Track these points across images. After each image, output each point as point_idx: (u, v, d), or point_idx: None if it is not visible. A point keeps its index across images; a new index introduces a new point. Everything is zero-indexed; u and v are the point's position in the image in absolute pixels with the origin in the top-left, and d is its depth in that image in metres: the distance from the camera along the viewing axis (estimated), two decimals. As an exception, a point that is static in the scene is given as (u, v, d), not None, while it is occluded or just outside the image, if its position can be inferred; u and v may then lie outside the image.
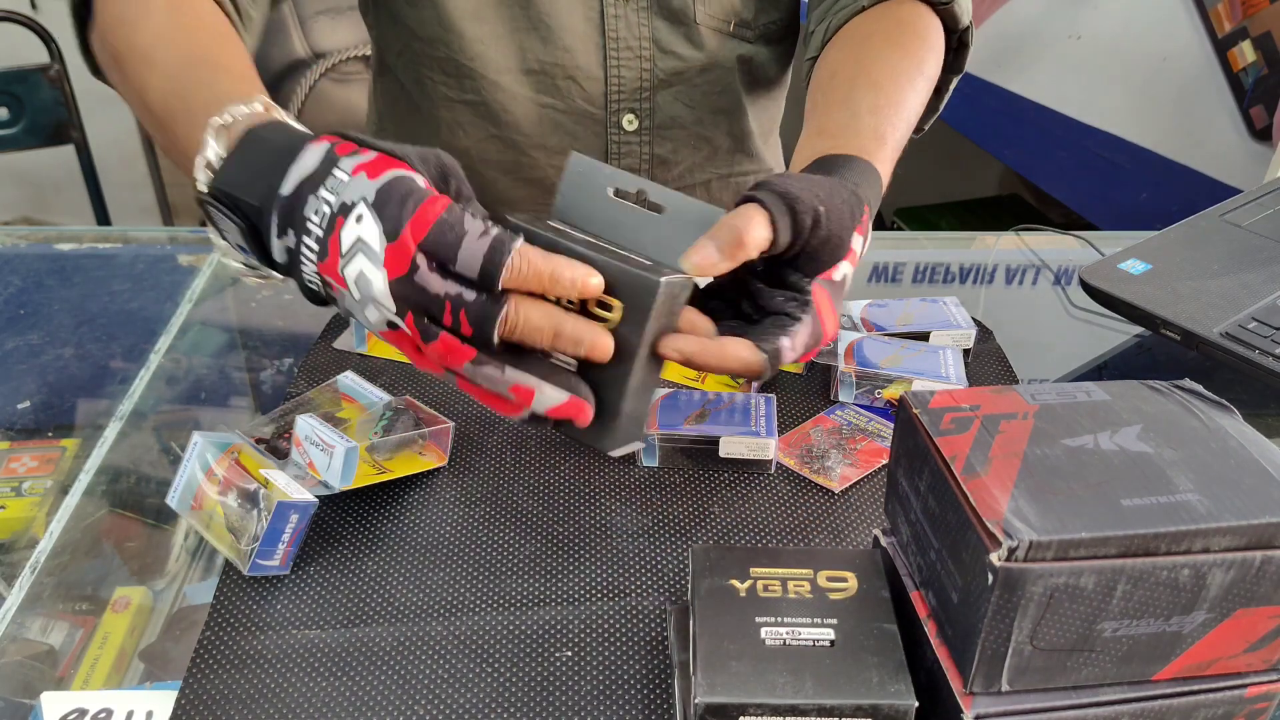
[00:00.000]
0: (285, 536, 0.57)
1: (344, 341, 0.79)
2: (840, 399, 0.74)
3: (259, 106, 0.52)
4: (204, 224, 0.53)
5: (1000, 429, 0.45)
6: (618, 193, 0.56)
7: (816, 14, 0.81)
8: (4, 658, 0.56)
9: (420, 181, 0.47)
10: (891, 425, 0.70)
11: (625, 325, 0.50)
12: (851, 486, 0.66)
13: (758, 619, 0.46)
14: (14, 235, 1.00)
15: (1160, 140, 1.53)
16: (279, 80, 1.49)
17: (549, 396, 0.49)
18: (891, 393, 0.73)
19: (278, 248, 0.49)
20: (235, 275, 0.55)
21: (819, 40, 0.78)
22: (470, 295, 0.46)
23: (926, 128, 0.82)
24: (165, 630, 0.59)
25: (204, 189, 0.51)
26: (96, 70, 0.71)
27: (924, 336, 0.78)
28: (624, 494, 0.65)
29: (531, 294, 0.48)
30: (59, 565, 0.62)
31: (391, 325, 0.48)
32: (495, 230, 0.46)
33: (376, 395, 0.69)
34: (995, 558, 0.38)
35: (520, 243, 0.46)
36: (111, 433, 0.72)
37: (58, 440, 0.73)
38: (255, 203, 0.49)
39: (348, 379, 0.70)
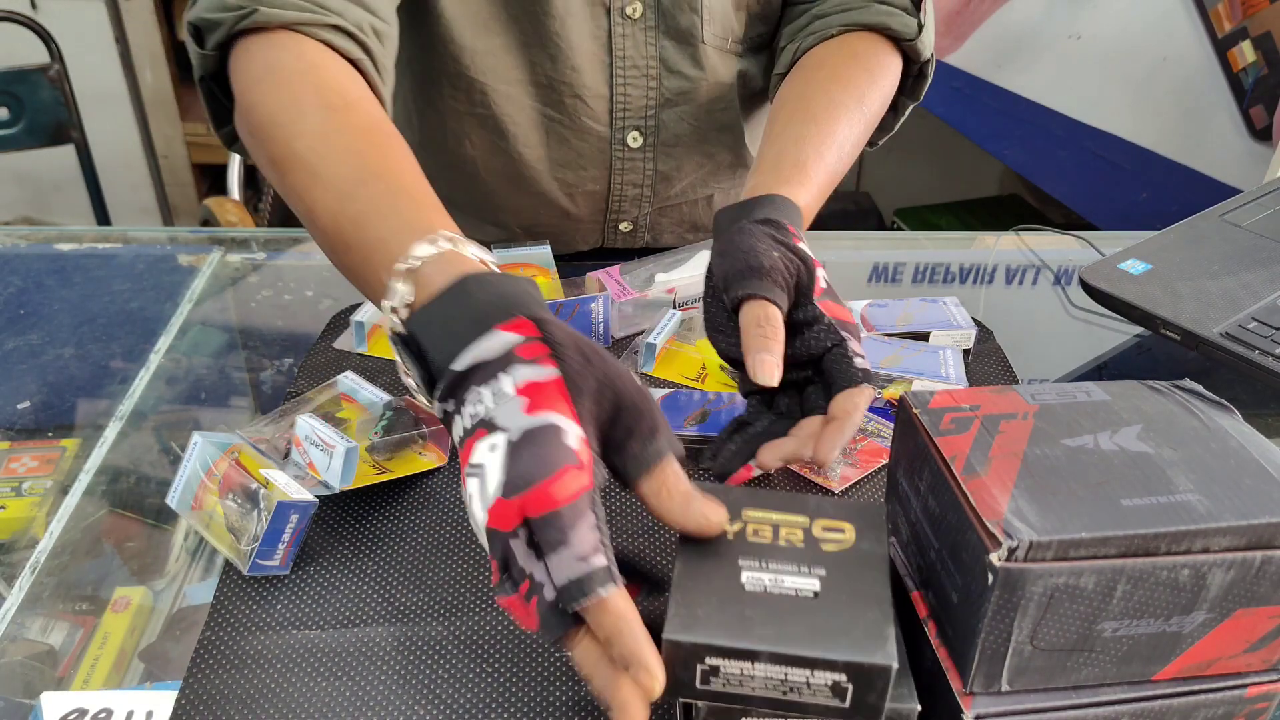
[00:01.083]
0: (285, 536, 0.57)
1: (344, 341, 0.79)
2: (840, 399, 0.74)
3: (444, 244, 0.50)
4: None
5: (1000, 429, 0.45)
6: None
7: (789, 30, 0.84)
8: (4, 658, 0.56)
9: (572, 438, 0.43)
10: (891, 425, 0.70)
11: None
12: (851, 487, 0.66)
13: (740, 562, 0.43)
14: (14, 235, 1.00)
15: (1160, 140, 1.53)
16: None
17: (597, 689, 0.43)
18: (891, 393, 0.73)
19: (437, 406, 0.48)
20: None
21: (787, 59, 0.82)
22: (549, 593, 0.42)
23: (880, 142, 0.88)
24: (165, 630, 0.59)
25: (393, 332, 0.50)
26: (232, 142, 0.70)
27: (924, 336, 0.78)
28: (624, 493, 0.65)
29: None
30: (59, 565, 0.62)
31: None
32: (598, 561, 0.41)
33: (376, 395, 0.69)
34: (995, 558, 0.38)
35: (611, 591, 0.41)
36: (111, 433, 0.72)
37: (58, 440, 0.73)
38: (435, 360, 0.47)
39: (348, 379, 0.70)
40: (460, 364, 0.46)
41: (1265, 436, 0.45)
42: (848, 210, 2.49)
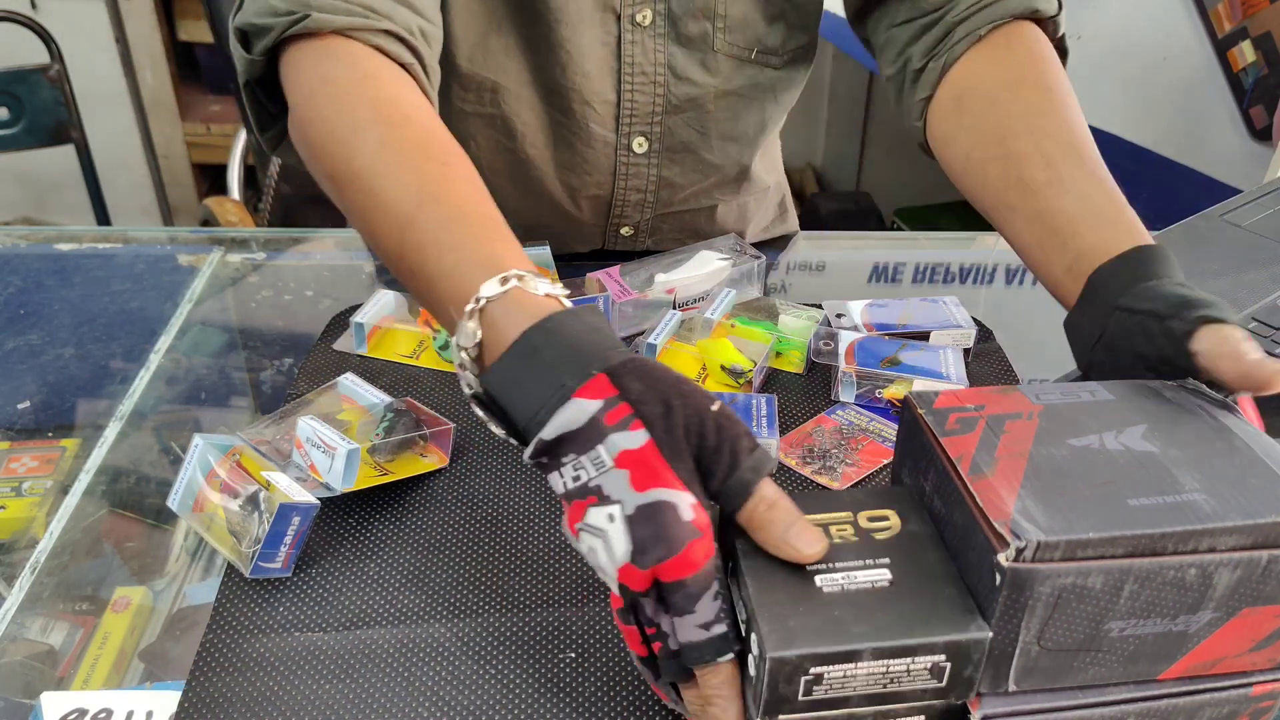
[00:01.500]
0: (287, 539, 0.57)
1: (344, 343, 0.79)
2: (841, 399, 0.74)
3: (512, 283, 0.49)
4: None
5: (1005, 429, 0.44)
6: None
7: (923, 42, 0.73)
8: (4, 658, 0.56)
9: (685, 510, 0.43)
10: (892, 424, 0.70)
11: None
12: (853, 487, 0.66)
13: (809, 567, 0.43)
14: (14, 235, 1.00)
15: (1160, 140, 1.53)
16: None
17: None
18: (892, 392, 0.73)
19: (530, 461, 0.47)
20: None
21: (934, 77, 0.72)
22: (672, 644, 0.45)
23: None
24: (165, 630, 0.59)
25: (469, 389, 0.50)
26: (276, 146, 0.69)
27: (924, 336, 0.78)
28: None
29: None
30: (59, 565, 0.62)
31: None
32: (719, 630, 0.44)
33: (377, 397, 0.68)
34: (1003, 558, 0.38)
35: (724, 660, 0.44)
36: (111, 433, 0.72)
37: (58, 440, 0.73)
38: (518, 423, 0.47)
39: (348, 380, 0.70)
40: (548, 434, 0.46)
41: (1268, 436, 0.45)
42: (848, 210, 2.48)
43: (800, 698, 0.41)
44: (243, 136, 1.60)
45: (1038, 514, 0.39)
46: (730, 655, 0.44)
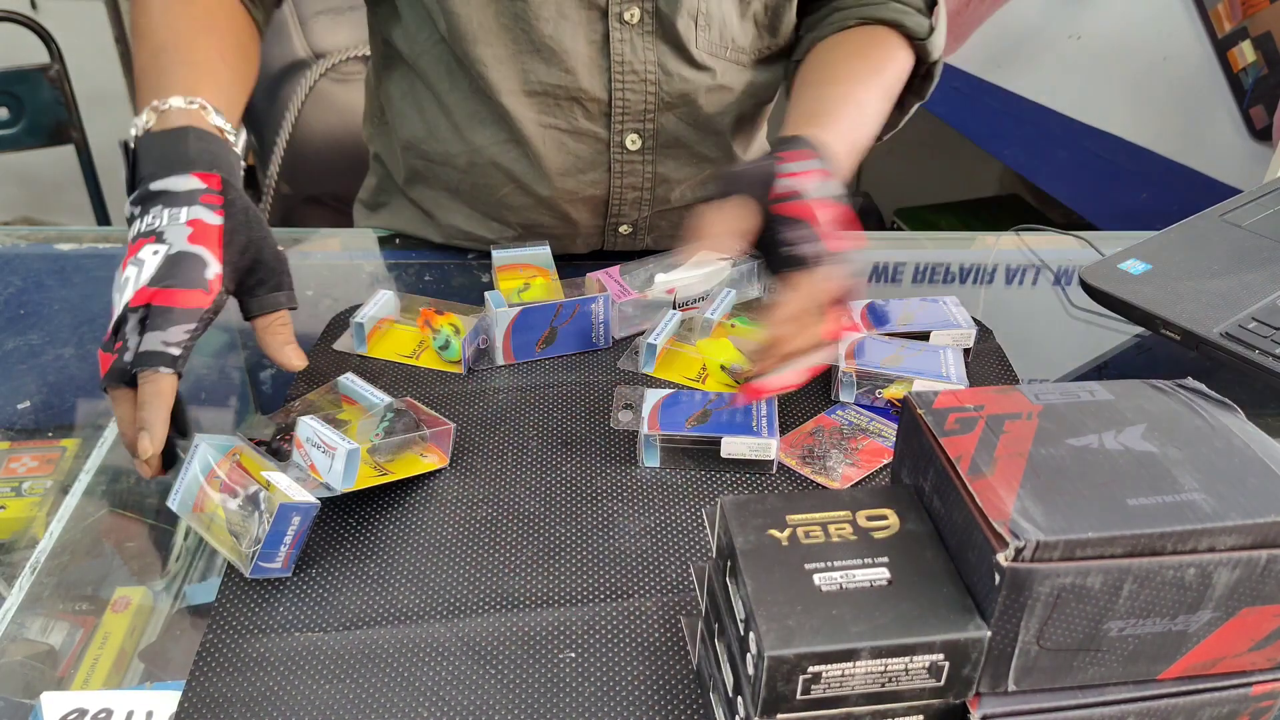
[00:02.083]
0: (287, 539, 0.57)
1: (344, 343, 0.79)
2: (841, 399, 0.74)
3: (197, 103, 0.66)
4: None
5: (1005, 429, 0.44)
6: None
7: (808, 23, 0.89)
8: (4, 658, 0.56)
9: (210, 271, 0.61)
10: (892, 425, 0.70)
11: None
12: (853, 487, 0.66)
13: (807, 566, 0.43)
14: (14, 235, 0.99)
15: (1160, 140, 1.53)
16: (279, 80, 1.49)
17: None
18: (892, 392, 0.73)
19: (127, 208, 0.64)
20: None
21: (805, 48, 0.87)
22: (127, 356, 0.58)
23: (885, 138, 0.91)
24: (165, 630, 0.59)
25: (125, 144, 0.67)
26: None
27: (924, 336, 0.78)
28: (626, 495, 0.65)
29: None
30: (59, 565, 0.62)
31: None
32: (175, 351, 0.59)
33: (377, 397, 0.68)
34: (1002, 558, 0.38)
35: (167, 371, 0.59)
36: (111, 433, 0.72)
37: (58, 440, 0.73)
38: (141, 174, 0.64)
39: (348, 380, 0.70)
40: (154, 186, 0.62)
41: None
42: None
43: (798, 696, 0.41)
44: (243, 137, 1.60)
45: (1037, 514, 0.39)
46: (172, 371, 0.58)
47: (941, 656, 0.40)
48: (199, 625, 0.56)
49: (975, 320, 0.81)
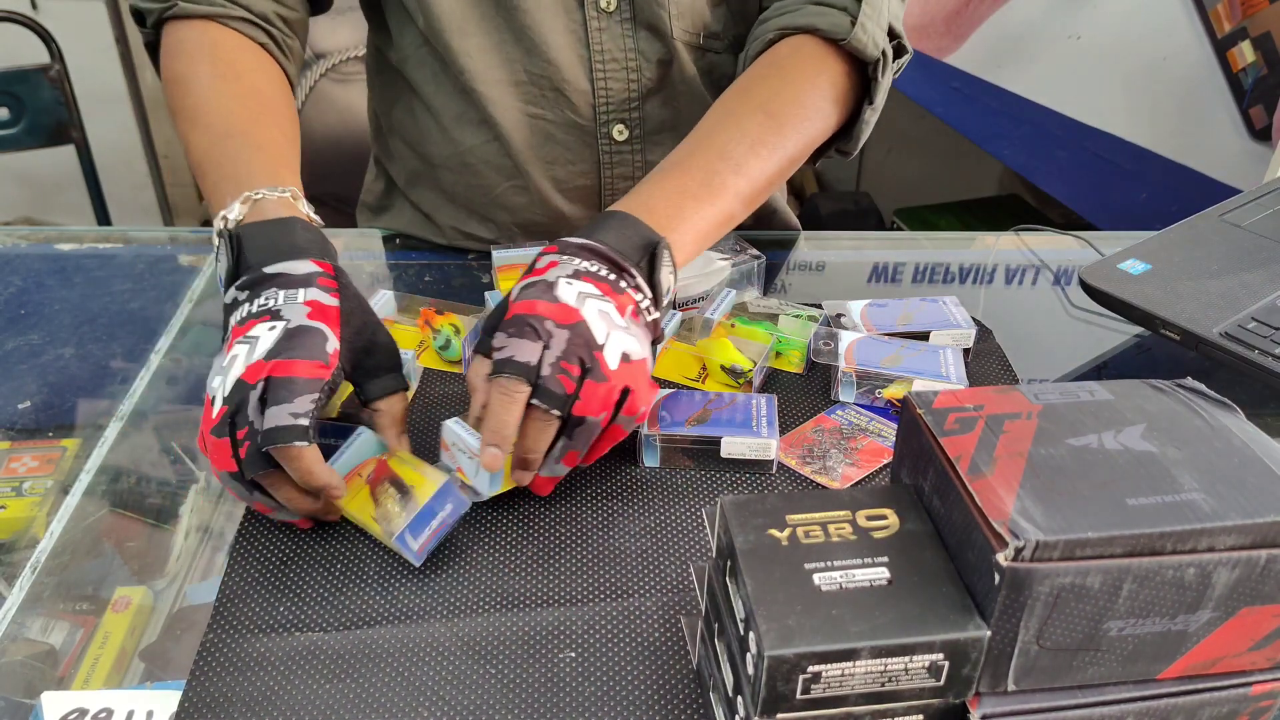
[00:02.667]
0: (434, 523, 0.57)
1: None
2: (841, 399, 0.74)
3: (287, 193, 0.66)
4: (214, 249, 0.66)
5: (1004, 429, 0.45)
6: None
7: (753, 31, 0.83)
8: (4, 658, 0.56)
9: (330, 346, 0.58)
10: (892, 424, 0.70)
11: None
12: (852, 487, 0.66)
13: (807, 566, 0.43)
14: (14, 235, 1.00)
15: (1160, 140, 1.53)
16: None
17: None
18: (892, 392, 0.73)
19: (230, 293, 0.61)
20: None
21: (740, 68, 0.83)
22: (258, 441, 0.55)
23: (848, 152, 0.85)
24: (165, 630, 0.59)
25: (223, 229, 0.64)
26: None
27: (924, 336, 0.78)
28: (626, 495, 0.65)
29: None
30: (59, 565, 0.62)
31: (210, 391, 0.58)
32: (304, 421, 0.55)
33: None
34: (1002, 558, 0.38)
35: (302, 445, 0.55)
36: (112, 433, 0.72)
37: (58, 440, 0.73)
38: (250, 260, 0.61)
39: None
40: (270, 269, 0.60)
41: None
42: (847, 210, 2.48)
43: (798, 696, 0.41)
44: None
45: (1036, 514, 0.39)
46: (307, 444, 0.55)
47: (941, 656, 0.40)
48: (199, 625, 0.56)
49: (975, 320, 0.81)
